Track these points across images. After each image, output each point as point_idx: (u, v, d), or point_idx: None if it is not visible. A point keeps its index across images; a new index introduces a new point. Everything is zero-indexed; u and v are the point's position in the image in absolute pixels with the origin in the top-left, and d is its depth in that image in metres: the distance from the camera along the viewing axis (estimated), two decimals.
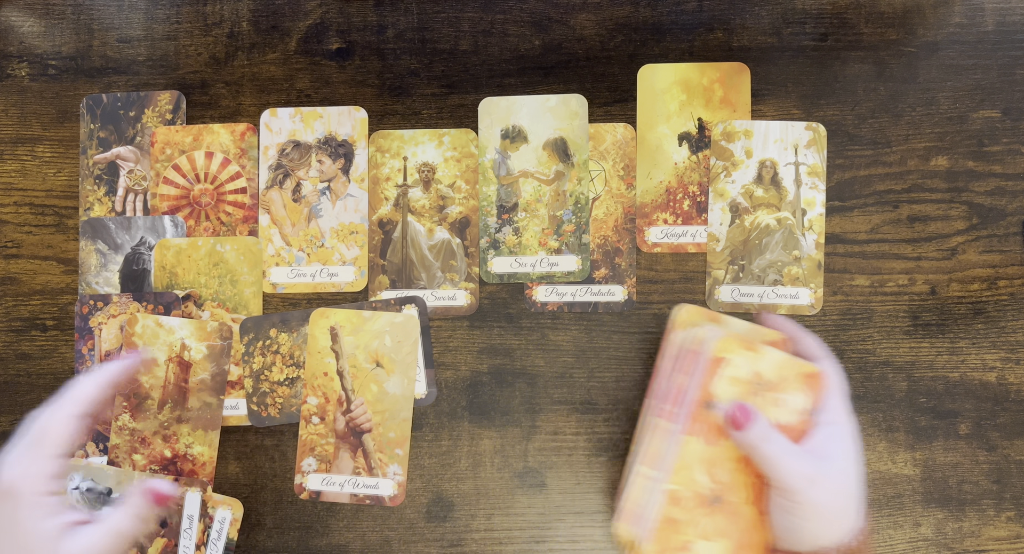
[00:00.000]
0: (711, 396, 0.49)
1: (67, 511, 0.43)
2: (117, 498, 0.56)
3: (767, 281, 0.59)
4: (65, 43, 0.62)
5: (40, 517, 0.41)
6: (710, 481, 0.49)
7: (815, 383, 0.50)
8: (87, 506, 0.56)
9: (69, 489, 0.55)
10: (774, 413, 0.49)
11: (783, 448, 0.46)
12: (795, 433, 0.48)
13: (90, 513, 0.48)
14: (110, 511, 0.45)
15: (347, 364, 0.58)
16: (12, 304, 0.61)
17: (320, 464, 0.58)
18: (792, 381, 0.49)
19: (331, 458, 0.58)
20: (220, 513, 0.57)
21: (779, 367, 0.49)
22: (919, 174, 0.59)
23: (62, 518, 0.42)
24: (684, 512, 0.49)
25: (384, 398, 0.58)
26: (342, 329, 0.59)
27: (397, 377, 0.58)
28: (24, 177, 0.62)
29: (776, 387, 0.49)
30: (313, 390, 0.58)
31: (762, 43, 0.60)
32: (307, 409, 0.58)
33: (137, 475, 0.57)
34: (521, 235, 0.60)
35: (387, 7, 0.62)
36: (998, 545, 0.57)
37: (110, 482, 0.57)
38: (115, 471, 0.57)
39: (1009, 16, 0.60)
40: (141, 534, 0.45)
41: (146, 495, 0.45)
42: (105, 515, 0.45)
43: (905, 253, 0.59)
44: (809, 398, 0.49)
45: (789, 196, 0.59)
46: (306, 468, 0.58)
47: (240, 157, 0.61)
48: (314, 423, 0.58)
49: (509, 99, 0.60)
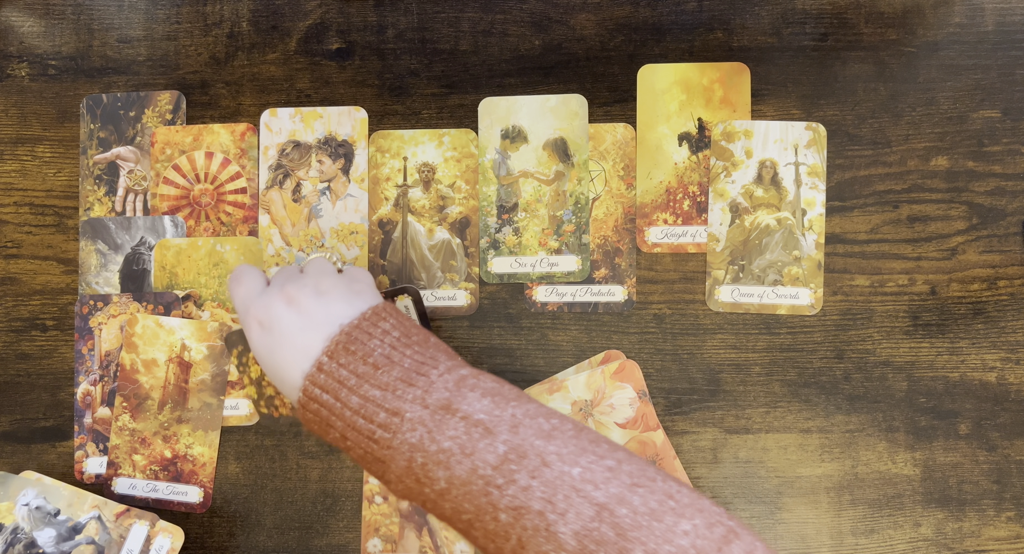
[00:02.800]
0: None
1: None
2: (63, 520, 0.56)
3: (767, 281, 0.59)
4: (65, 43, 0.62)
5: None
6: None
7: (622, 371, 0.56)
8: (31, 525, 0.55)
9: (19, 504, 0.55)
10: (614, 417, 0.56)
11: (241, 289, 0.48)
12: (638, 421, 0.56)
13: (31, 533, 0.52)
14: (49, 533, 0.49)
15: None
16: (12, 304, 0.61)
17: (386, 544, 0.57)
18: (606, 385, 0.56)
19: (396, 538, 0.57)
20: (158, 542, 0.56)
21: (586, 385, 0.57)
22: (919, 174, 0.59)
23: None
24: None
25: None
26: None
27: None
28: (24, 177, 0.62)
29: (597, 401, 0.56)
30: None
31: (762, 43, 0.60)
32: (369, 489, 0.58)
33: (90, 499, 0.56)
34: (521, 235, 0.60)
35: (387, 7, 0.62)
36: (998, 545, 0.57)
37: (61, 503, 0.56)
38: (69, 492, 0.56)
39: (1009, 16, 0.60)
40: None
41: None
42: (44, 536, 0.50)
43: (905, 253, 0.59)
44: (627, 385, 0.55)
45: (789, 196, 0.59)
46: (372, 549, 0.57)
47: (240, 157, 0.61)
48: (377, 503, 0.58)
49: (509, 99, 0.60)
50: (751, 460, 0.58)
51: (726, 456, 0.58)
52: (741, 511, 0.57)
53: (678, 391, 0.58)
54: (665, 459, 0.57)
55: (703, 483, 0.57)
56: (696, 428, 0.58)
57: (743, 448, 0.58)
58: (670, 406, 0.58)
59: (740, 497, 0.57)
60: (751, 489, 0.57)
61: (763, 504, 0.57)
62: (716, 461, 0.58)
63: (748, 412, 0.58)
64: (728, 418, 0.58)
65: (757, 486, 0.57)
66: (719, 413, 0.58)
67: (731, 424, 0.58)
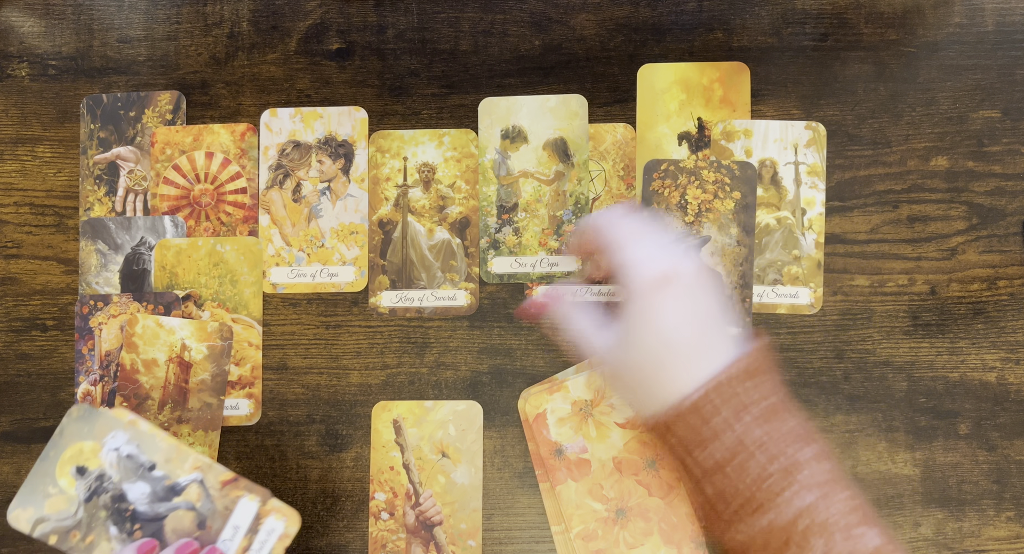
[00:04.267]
0: (556, 444, 0.56)
1: None
2: (159, 477, 0.48)
3: (767, 280, 0.59)
4: (65, 43, 0.62)
5: None
6: (602, 503, 0.55)
7: None
8: (120, 474, 0.48)
9: (107, 448, 0.48)
10: (614, 417, 0.56)
11: (584, 324, 0.44)
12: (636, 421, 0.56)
13: (121, 484, 0.47)
14: (142, 488, 0.45)
15: (413, 457, 0.58)
16: (12, 304, 0.61)
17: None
18: (605, 386, 0.56)
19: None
20: (269, 523, 0.49)
21: (587, 385, 0.56)
22: (919, 174, 0.59)
23: None
24: (602, 540, 0.54)
25: (452, 489, 0.57)
26: (405, 421, 0.58)
27: (464, 466, 0.57)
28: (24, 177, 0.62)
29: (597, 401, 0.56)
30: (380, 485, 0.58)
31: (762, 43, 0.60)
32: (376, 505, 0.58)
33: (192, 459, 0.48)
34: (521, 235, 0.60)
35: (387, 7, 0.62)
36: (998, 545, 0.57)
37: (157, 456, 0.48)
38: (167, 445, 0.48)
39: (1009, 16, 0.60)
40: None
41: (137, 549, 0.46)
42: (135, 491, 0.45)
43: (905, 253, 0.59)
44: None
45: (789, 195, 0.59)
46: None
47: (240, 157, 0.61)
48: (383, 519, 0.57)
49: (509, 99, 0.60)
50: None
51: None
52: None
53: None
54: (665, 459, 0.57)
55: None
56: None
57: None
58: None
59: None
60: None
61: None
62: None
63: None
64: None
65: None
66: None
67: None
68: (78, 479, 0.48)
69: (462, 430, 0.58)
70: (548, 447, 0.56)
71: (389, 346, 0.60)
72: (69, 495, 0.48)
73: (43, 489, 0.48)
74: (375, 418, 0.59)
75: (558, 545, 0.57)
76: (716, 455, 0.39)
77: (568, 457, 0.56)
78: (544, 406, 0.57)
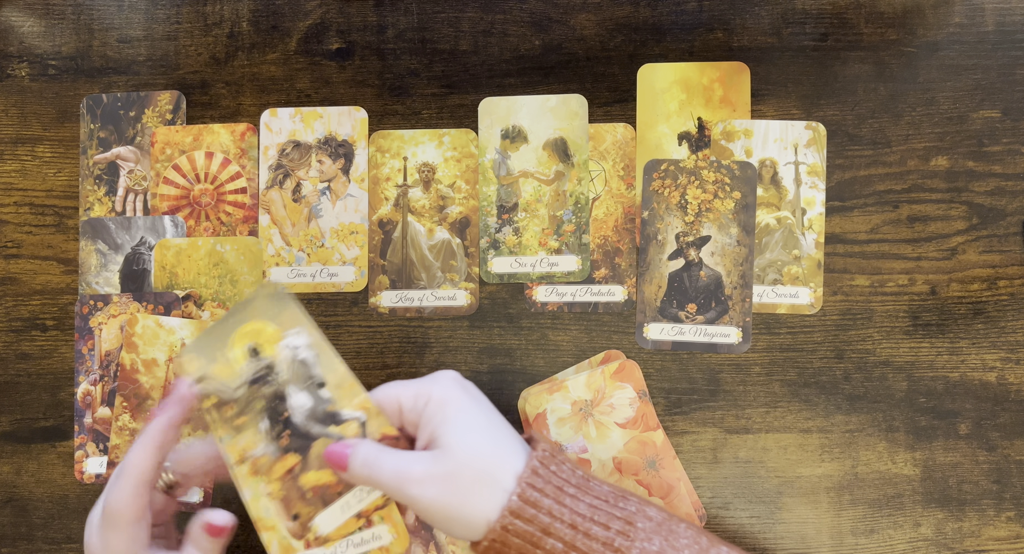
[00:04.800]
0: (556, 444, 0.55)
1: (153, 543, 0.45)
2: (324, 398, 0.46)
3: (767, 280, 0.59)
4: (65, 43, 0.62)
5: (127, 542, 0.44)
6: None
7: (622, 371, 0.56)
8: (289, 376, 0.46)
9: (286, 343, 0.46)
10: (614, 417, 0.56)
11: (395, 463, 0.42)
12: (638, 421, 0.56)
13: (286, 386, 0.45)
14: (304, 399, 0.45)
15: None
16: (12, 304, 0.61)
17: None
18: (606, 385, 0.56)
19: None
20: (379, 530, 0.49)
21: (586, 385, 0.56)
22: (919, 174, 0.59)
23: (147, 549, 0.45)
24: None
25: None
26: None
27: None
28: (24, 177, 0.62)
29: (597, 401, 0.56)
30: None
31: (762, 43, 0.60)
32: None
33: (361, 396, 0.45)
34: (521, 235, 0.60)
35: (387, 7, 0.62)
36: (998, 545, 0.57)
37: (330, 377, 0.46)
38: (344, 372, 0.46)
39: (1009, 16, 0.60)
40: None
41: (204, 529, 0.46)
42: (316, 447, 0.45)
43: (905, 253, 0.59)
44: (628, 385, 0.56)
45: (789, 195, 0.59)
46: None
47: (240, 157, 0.61)
48: None
49: (509, 99, 0.60)
50: (751, 460, 0.58)
51: (726, 456, 0.58)
52: (741, 511, 0.57)
53: (678, 391, 0.58)
54: (665, 459, 0.57)
55: (703, 483, 0.57)
56: (696, 428, 0.58)
57: (743, 448, 0.58)
58: (670, 406, 0.58)
59: (740, 497, 0.57)
60: (751, 489, 0.57)
61: (763, 504, 0.57)
62: (716, 461, 0.58)
63: (748, 412, 0.58)
64: (728, 418, 0.58)
65: (757, 486, 0.57)
66: (719, 413, 0.58)
67: (731, 424, 0.58)
68: (249, 358, 0.46)
69: None
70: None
71: (389, 346, 0.60)
72: (235, 369, 0.46)
73: (213, 351, 0.46)
74: None
75: None
76: (559, 545, 0.40)
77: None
78: (544, 406, 0.57)
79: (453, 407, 0.43)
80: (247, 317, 0.46)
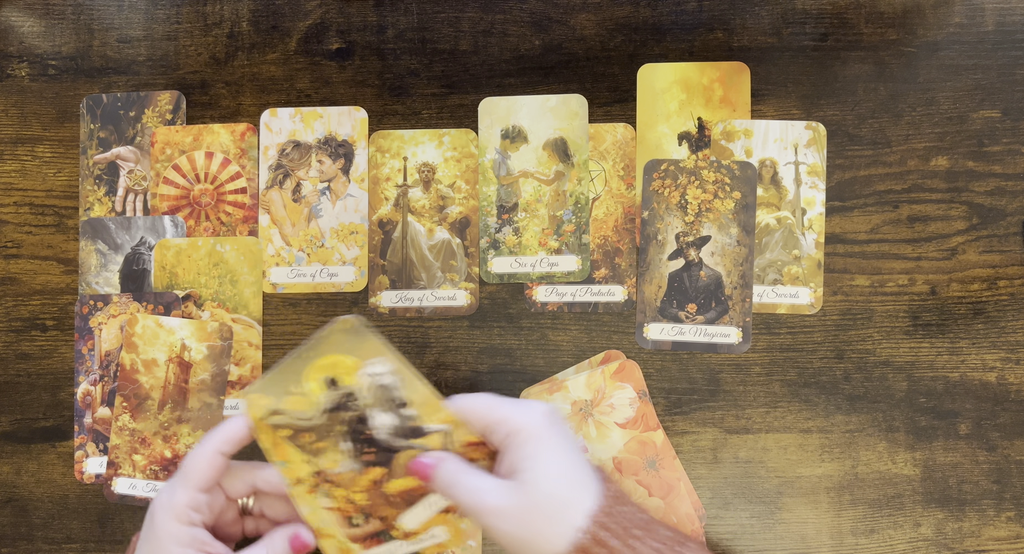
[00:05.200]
0: None
1: (203, 543, 0.45)
2: (407, 415, 0.47)
3: (767, 280, 0.59)
4: (65, 43, 0.62)
5: (175, 543, 0.45)
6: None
7: (622, 371, 0.56)
8: (371, 399, 0.47)
9: (366, 370, 0.47)
10: (614, 417, 0.56)
11: (475, 487, 0.44)
12: (638, 421, 0.56)
13: (367, 410, 0.47)
14: (387, 419, 0.46)
15: None
16: (12, 304, 0.61)
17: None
18: (606, 386, 0.56)
19: None
20: (437, 531, 0.49)
21: (586, 385, 0.56)
22: (919, 174, 0.59)
23: (195, 548, 0.45)
24: None
25: None
26: None
27: None
28: (24, 177, 0.62)
29: (597, 401, 0.56)
30: None
31: (762, 43, 0.60)
32: None
33: (445, 412, 0.47)
34: (521, 235, 0.60)
35: (387, 7, 0.62)
36: (998, 545, 0.57)
37: (413, 397, 0.47)
38: (426, 392, 0.47)
39: (1009, 16, 0.60)
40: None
41: (289, 541, 0.47)
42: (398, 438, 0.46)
43: (905, 253, 0.59)
44: (628, 385, 0.56)
45: (789, 195, 0.59)
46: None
47: (240, 157, 0.61)
48: None
49: (509, 99, 0.60)
50: (751, 460, 0.58)
51: (726, 456, 0.58)
52: (741, 511, 0.57)
53: (678, 391, 0.58)
54: (665, 459, 0.57)
55: (703, 483, 0.57)
56: (696, 428, 0.58)
57: (743, 448, 0.58)
58: (670, 406, 0.58)
59: (740, 497, 0.57)
60: (751, 489, 0.57)
61: (763, 504, 0.57)
62: (716, 461, 0.58)
63: (748, 412, 0.58)
64: (728, 418, 0.58)
65: (757, 486, 0.57)
66: (719, 413, 0.58)
67: (731, 424, 0.58)
68: (327, 389, 0.47)
69: None
70: None
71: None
72: (311, 399, 0.47)
73: (286, 386, 0.47)
74: None
75: None
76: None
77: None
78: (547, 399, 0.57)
79: (541, 444, 0.44)
80: (322, 352, 0.47)
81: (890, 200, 0.59)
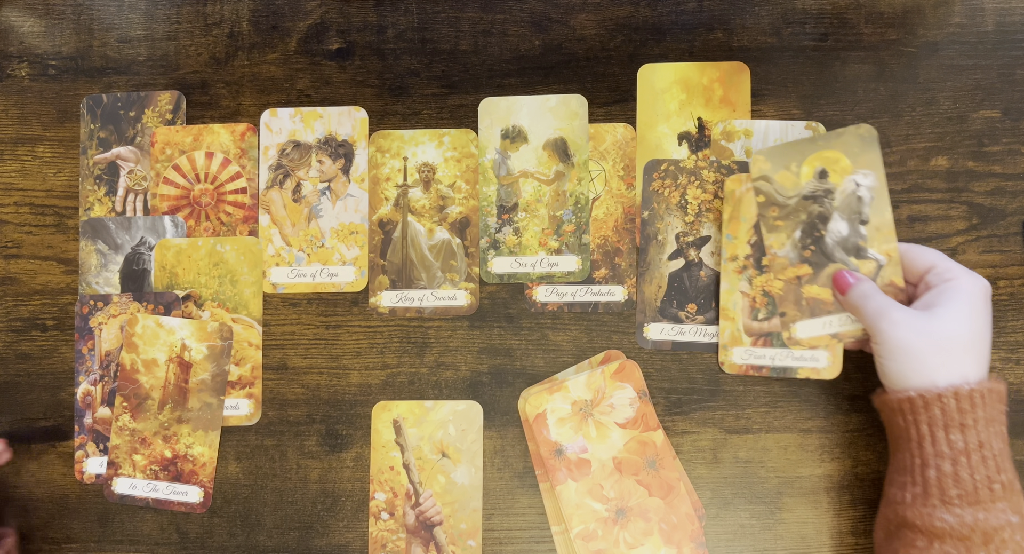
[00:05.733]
0: (556, 444, 0.56)
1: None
2: (861, 233, 0.53)
3: None
4: (65, 43, 0.62)
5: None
6: (602, 503, 0.55)
7: (622, 371, 0.57)
8: (839, 203, 0.53)
9: (855, 176, 0.53)
10: (614, 417, 0.56)
11: (883, 303, 0.49)
12: (638, 421, 0.56)
13: (830, 207, 0.51)
14: (843, 228, 0.51)
15: (413, 457, 0.58)
16: (12, 304, 0.61)
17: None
18: (606, 386, 0.57)
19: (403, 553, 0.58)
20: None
21: (587, 385, 0.57)
22: (919, 174, 0.59)
23: None
24: (602, 540, 0.55)
25: (452, 489, 0.57)
26: (405, 421, 0.58)
27: (464, 466, 0.57)
28: (24, 177, 0.62)
29: (597, 401, 0.57)
30: (380, 485, 0.58)
31: (762, 43, 0.60)
32: (376, 505, 0.58)
33: (902, 247, 0.52)
34: (521, 235, 0.60)
35: (387, 7, 0.62)
36: None
37: (876, 219, 0.52)
38: (889, 218, 0.53)
39: (1009, 16, 0.60)
40: None
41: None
42: None
43: None
44: (628, 385, 0.57)
45: None
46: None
47: (240, 157, 0.61)
48: (383, 519, 0.57)
49: (509, 99, 0.60)
50: (751, 460, 0.58)
51: (726, 456, 0.58)
52: (741, 511, 0.57)
53: (678, 391, 0.58)
54: (665, 459, 0.57)
55: (703, 483, 0.57)
56: (696, 428, 0.58)
57: (743, 448, 0.58)
58: (670, 406, 0.58)
59: (740, 497, 0.57)
60: (751, 489, 0.57)
61: (763, 504, 0.57)
62: (716, 461, 0.58)
63: (748, 412, 0.58)
64: (728, 418, 0.58)
65: (757, 486, 0.57)
66: (719, 413, 0.58)
67: (731, 424, 0.58)
68: (814, 178, 0.53)
69: (462, 430, 0.58)
70: (548, 447, 0.56)
71: (389, 346, 0.60)
72: (796, 182, 0.53)
73: (788, 161, 0.53)
74: (375, 418, 0.59)
75: (558, 545, 0.57)
76: (960, 444, 0.45)
77: (568, 457, 0.56)
78: (544, 406, 0.57)
79: (969, 302, 0.48)
80: (831, 145, 0.53)
81: (890, 200, 0.59)
